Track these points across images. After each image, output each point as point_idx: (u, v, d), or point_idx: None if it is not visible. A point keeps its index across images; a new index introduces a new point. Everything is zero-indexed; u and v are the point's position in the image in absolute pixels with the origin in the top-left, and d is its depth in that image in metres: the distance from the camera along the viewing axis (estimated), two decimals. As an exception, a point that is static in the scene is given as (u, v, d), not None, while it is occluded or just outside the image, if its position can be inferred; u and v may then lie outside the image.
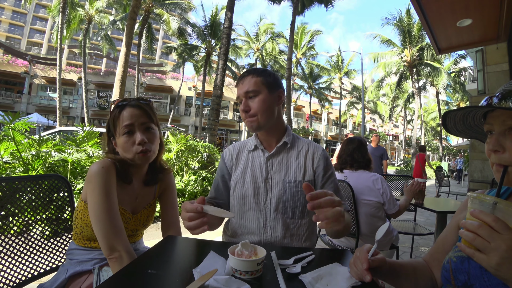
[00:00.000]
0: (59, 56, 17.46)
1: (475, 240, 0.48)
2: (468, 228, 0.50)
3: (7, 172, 3.04)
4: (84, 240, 0.98)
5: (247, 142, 1.18)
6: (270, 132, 1.11)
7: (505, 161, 0.59)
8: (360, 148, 2.01)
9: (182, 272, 0.69)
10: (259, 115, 1.04)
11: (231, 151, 1.19)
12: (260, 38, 26.37)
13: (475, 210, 0.50)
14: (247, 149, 1.15)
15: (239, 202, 1.09)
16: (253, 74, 1.07)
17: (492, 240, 0.47)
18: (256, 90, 1.05)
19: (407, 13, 19.20)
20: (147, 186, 1.09)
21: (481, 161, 5.12)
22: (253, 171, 1.10)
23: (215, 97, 7.92)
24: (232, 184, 1.13)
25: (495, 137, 0.60)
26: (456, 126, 0.71)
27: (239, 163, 1.14)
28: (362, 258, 0.64)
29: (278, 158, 1.10)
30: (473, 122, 0.69)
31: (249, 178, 1.09)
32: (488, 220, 0.48)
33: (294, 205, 1.05)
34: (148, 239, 1.40)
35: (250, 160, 1.13)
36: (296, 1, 15.15)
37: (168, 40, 42.31)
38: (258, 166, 1.10)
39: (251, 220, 1.07)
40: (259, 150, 1.13)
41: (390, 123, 43.97)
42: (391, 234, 1.99)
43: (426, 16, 3.51)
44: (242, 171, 1.11)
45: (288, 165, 1.09)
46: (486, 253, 0.47)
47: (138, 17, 11.77)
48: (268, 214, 1.05)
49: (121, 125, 0.98)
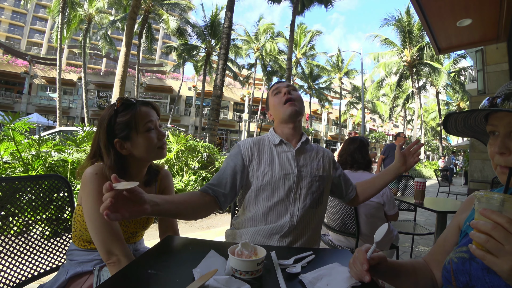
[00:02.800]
0: (59, 56, 17.46)
1: (488, 242, 0.45)
2: (480, 229, 0.47)
3: (7, 172, 3.04)
4: (83, 242, 0.98)
5: (265, 137, 1.23)
6: (297, 129, 1.21)
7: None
8: (361, 149, 1.99)
9: (182, 272, 0.69)
10: (298, 103, 1.18)
11: (250, 144, 1.18)
12: (260, 38, 26.37)
13: (486, 210, 0.47)
14: (272, 143, 1.19)
15: (268, 194, 1.11)
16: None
17: (507, 243, 0.44)
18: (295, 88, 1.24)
19: (407, 13, 19.22)
20: (147, 187, 1.08)
21: (481, 161, 5.12)
22: (282, 164, 1.14)
23: (215, 97, 7.92)
24: (259, 177, 1.12)
25: (500, 139, 0.59)
26: (456, 127, 0.71)
27: (263, 156, 1.15)
28: (361, 259, 0.64)
29: (303, 153, 1.19)
30: (474, 122, 0.69)
31: (277, 170, 1.12)
32: (502, 222, 0.44)
33: (318, 196, 1.16)
34: (148, 239, 1.39)
35: (275, 153, 1.16)
36: (296, 1, 15.15)
37: (168, 40, 42.30)
38: (286, 159, 1.15)
39: (279, 211, 1.10)
40: (284, 145, 1.18)
41: (390, 123, 43.95)
42: (391, 234, 1.99)
43: (426, 16, 3.51)
44: (269, 164, 1.13)
45: (311, 160, 1.19)
46: (500, 256, 0.44)
47: (138, 17, 11.77)
48: (297, 203, 1.11)
49: (142, 122, 0.97)
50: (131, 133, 0.96)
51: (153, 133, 1.00)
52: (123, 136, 0.96)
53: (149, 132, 0.99)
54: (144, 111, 0.99)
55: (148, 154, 0.99)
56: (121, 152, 0.97)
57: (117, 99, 1.00)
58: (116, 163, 0.95)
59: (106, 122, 0.96)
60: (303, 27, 27.62)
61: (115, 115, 0.96)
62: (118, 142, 0.96)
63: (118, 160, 0.96)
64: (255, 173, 1.12)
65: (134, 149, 0.97)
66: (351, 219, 1.85)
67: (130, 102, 1.00)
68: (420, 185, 2.20)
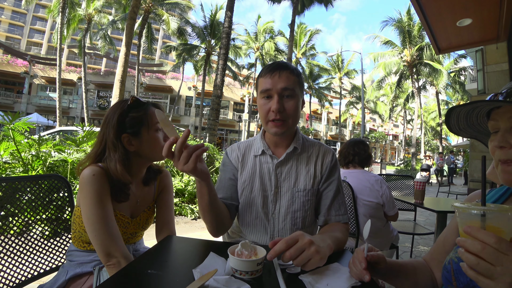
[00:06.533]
0: (59, 56, 17.45)
1: (478, 264, 0.43)
2: (468, 249, 0.44)
3: (7, 172, 3.04)
4: (83, 243, 0.98)
5: (252, 143, 1.09)
6: (283, 137, 1.01)
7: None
8: (362, 143, 2.04)
9: (182, 272, 0.69)
10: (289, 120, 0.94)
11: (236, 152, 1.09)
12: (259, 37, 26.37)
13: (471, 228, 0.45)
14: (254, 153, 1.06)
15: (246, 210, 1.03)
16: (292, 71, 0.94)
17: (498, 264, 0.42)
18: (293, 90, 0.93)
19: (407, 13, 19.22)
20: (146, 186, 1.08)
21: (481, 161, 5.12)
22: (262, 178, 1.02)
23: (215, 97, 7.92)
24: (239, 190, 1.05)
25: (501, 133, 0.59)
26: (459, 124, 0.70)
27: (245, 167, 1.05)
28: (359, 258, 0.64)
29: (288, 165, 1.02)
30: (476, 120, 0.68)
31: (257, 186, 1.02)
32: (491, 242, 0.42)
33: (304, 214, 1.00)
34: (148, 239, 1.39)
35: (258, 165, 1.04)
36: (296, 0, 15.15)
37: (168, 40, 42.30)
38: (267, 173, 1.02)
39: (258, 229, 1.02)
40: (267, 156, 1.03)
41: (390, 123, 43.96)
42: (391, 234, 1.99)
43: (426, 16, 3.51)
44: (250, 177, 1.03)
45: (297, 173, 1.02)
46: (493, 278, 0.42)
47: (138, 17, 11.77)
48: (276, 224, 1.00)
49: (154, 121, 0.99)
50: (142, 130, 0.98)
51: (160, 134, 1.01)
52: (132, 132, 0.97)
53: (158, 132, 1.00)
54: (155, 111, 1.01)
55: (154, 154, 1.01)
56: (127, 148, 0.97)
57: (131, 96, 1.01)
58: (123, 158, 0.95)
59: (117, 116, 0.96)
60: (303, 27, 27.64)
61: (127, 110, 0.97)
62: (126, 137, 0.96)
63: (125, 156, 0.96)
64: (239, 182, 1.06)
65: (141, 146, 0.98)
66: (350, 219, 1.85)
67: (143, 101, 1.02)
68: (420, 185, 2.20)
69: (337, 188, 1.03)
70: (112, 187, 0.93)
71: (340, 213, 1.01)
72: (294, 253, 0.65)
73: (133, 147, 0.98)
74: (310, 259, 0.66)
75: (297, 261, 0.65)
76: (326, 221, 1.01)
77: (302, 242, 0.67)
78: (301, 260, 0.65)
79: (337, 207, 1.02)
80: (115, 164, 0.93)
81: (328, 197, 1.02)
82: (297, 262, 0.65)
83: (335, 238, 0.86)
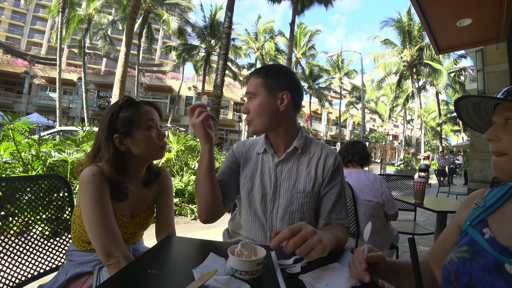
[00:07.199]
0: (59, 56, 17.46)
1: None
2: None
3: (7, 172, 3.04)
4: (83, 243, 0.98)
5: (257, 142, 1.11)
6: (278, 136, 1.03)
7: (500, 149, 0.61)
8: (361, 142, 2.07)
9: (182, 272, 0.69)
10: (254, 119, 1.00)
11: (241, 148, 1.12)
12: (259, 38, 26.38)
13: None
14: (256, 151, 1.08)
15: (246, 206, 1.04)
16: (256, 75, 1.02)
17: None
18: (253, 93, 1.00)
19: (408, 13, 19.22)
20: (146, 187, 1.08)
21: (481, 161, 5.12)
22: (262, 176, 1.04)
23: (215, 97, 7.92)
24: (240, 185, 1.07)
25: (493, 127, 0.63)
26: (469, 113, 0.72)
27: (248, 163, 1.08)
28: (359, 259, 0.64)
29: (288, 164, 1.03)
30: (484, 112, 0.70)
31: (257, 183, 1.03)
32: None
33: (302, 216, 1.00)
34: (148, 239, 1.39)
35: (259, 163, 1.06)
36: (296, 0, 15.16)
37: (168, 40, 42.30)
38: (267, 171, 1.04)
39: (256, 227, 1.03)
40: (268, 154, 1.06)
41: (390, 123, 43.96)
42: (391, 234, 1.99)
43: (426, 16, 3.51)
44: (251, 174, 1.05)
45: (298, 173, 1.02)
46: None
47: (138, 17, 11.77)
48: (274, 223, 1.01)
49: (144, 119, 0.99)
50: (132, 129, 0.97)
51: (153, 132, 1.01)
52: (123, 132, 0.97)
53: (150, 131, 1.00)
54: (147, 109, 1.01)
55: (148, 153, 1.00)
56: (119, 149, 0.97)
57: (122, 96, 1.01)
58: (114, 159, 0.95)
59: (109, 117, 0.97)
60: (303, 27, 27.66)
61: (118, 110, 0.98)
62: (118, 137, 0.96)
63: (117, 156, 0.96)
64: (241, 176, 1.08)
65: (133, 145, 0.98)
66: (350, 219, 1.85)
67: (134, 100, 1.02)
68: (420, 185, 2.20)
69: (339, 192, 1.02)
70: (112, 187, 0.94)
71: (341, 217, 1.01)
72: (298, 241, 0.66)
73: (125, 147, 0.98)
74: (313, 248, 0.67)
75: (300, 250, 0.66)
76: (326, 224, 1.02)
77: (305, 231, 0.68)
78: (304, 249, 0.66)
79: (338, 211, 1.01)
80: (105, 164, 0.93)
81: (329, 201, 1.01)
82: (300, 250, 0.66)
83: (336, 235, 0.87)
